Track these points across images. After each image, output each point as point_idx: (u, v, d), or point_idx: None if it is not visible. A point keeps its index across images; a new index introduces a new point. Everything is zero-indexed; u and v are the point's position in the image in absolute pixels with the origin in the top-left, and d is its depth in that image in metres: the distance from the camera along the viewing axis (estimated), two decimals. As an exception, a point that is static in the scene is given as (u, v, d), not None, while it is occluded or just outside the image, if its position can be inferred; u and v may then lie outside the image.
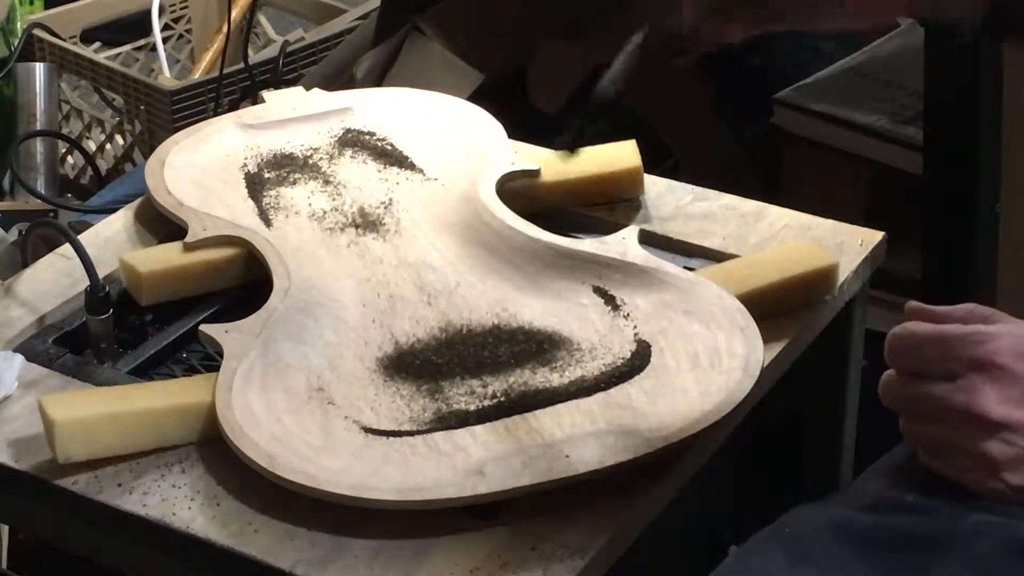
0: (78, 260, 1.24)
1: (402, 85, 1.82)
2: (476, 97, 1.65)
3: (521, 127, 1.43)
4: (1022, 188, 1.66)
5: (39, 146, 2.38)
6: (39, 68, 2.44)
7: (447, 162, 1.38)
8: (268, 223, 1.30)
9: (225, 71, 2.34)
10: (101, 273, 1.24)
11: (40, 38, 2.48)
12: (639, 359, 1.14)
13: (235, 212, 1.31)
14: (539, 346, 1.17)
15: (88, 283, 1.22)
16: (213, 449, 1.09)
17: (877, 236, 1.31)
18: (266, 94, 1.49)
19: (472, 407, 1.10)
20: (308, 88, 1.50)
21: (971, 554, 0.97)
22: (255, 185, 1.35)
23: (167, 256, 1.27)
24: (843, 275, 1.25)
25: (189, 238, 1.28)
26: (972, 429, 0.97)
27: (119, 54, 2.57)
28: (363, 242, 1.29)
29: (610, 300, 1.21)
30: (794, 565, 0.99)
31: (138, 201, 1.38)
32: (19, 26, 2.56)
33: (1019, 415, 0.95)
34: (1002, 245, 1.64)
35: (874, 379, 1.02)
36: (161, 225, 1.33)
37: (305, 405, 1.11)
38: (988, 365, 0.96)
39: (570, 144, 1.39)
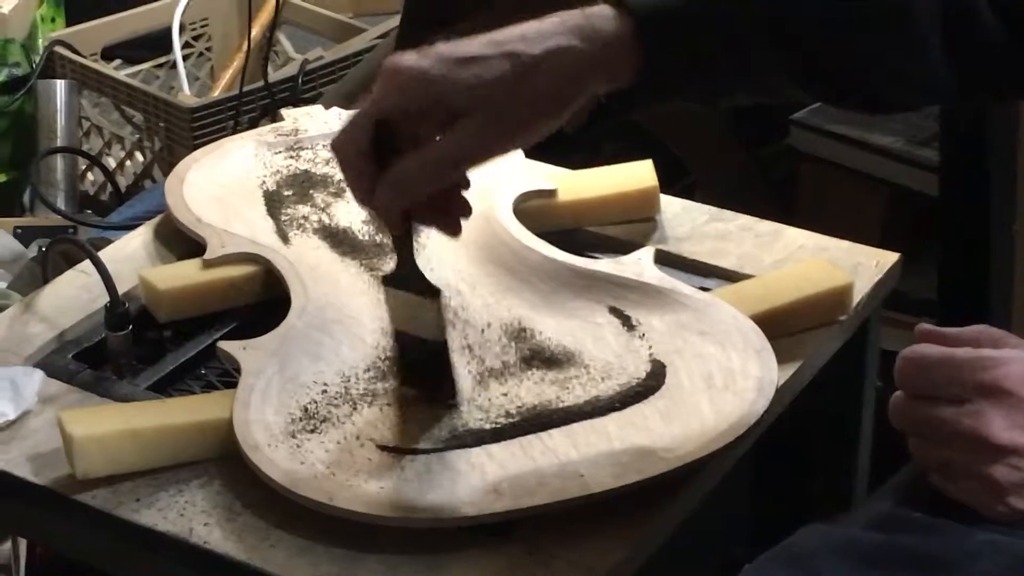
0: (98, 276, 1.24)
1: None
2: None
3: (537, 146, 1.42)
4: None
5: (59, 163, 2.38)
6: (60, 85, 2.43)
7: None
8: (286, 241, 1.30)
9: (245, 89, 2.34)
10: (121, 289, 1.24)
11: (61, 55, 2.48)
12: (654, 379, 1.13)
13: (254, 229, 1.31)
14: (554, 365, 1.16)
15: (108, 299, 1.23)
16: (230, 465, 1.09)
17: (892, 257, 1.30)
18: (285, 112, 1.49)
19: (488, 426, 1.10)
20: (327, 107, 1.50)
21: (978, 572, 0.96)
22: (274, 203, 1.36)
23: (186, 273, 1.27)
24: (858, 296, 1.25)
25: (208, 255, 1.28)
26: (978, 453, 0.96)
27: (139, 72, 2.57)
28: (379, 260, 1.28)
29: (626, 320, 1.20)
30: None
31: (157, 218, 1.38)
32: (40, 43, 2.58)
33: None
34: (1017, 266, 1.65)
35: (887, 401, 1.03)
36: (180, 242, 1.33)
37: (321, 423, 1.10)
38: (996, 390, 0.95)
39: (586, 163, 1.38)
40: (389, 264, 1.26)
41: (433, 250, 1.28)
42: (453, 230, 1.15)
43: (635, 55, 1.10)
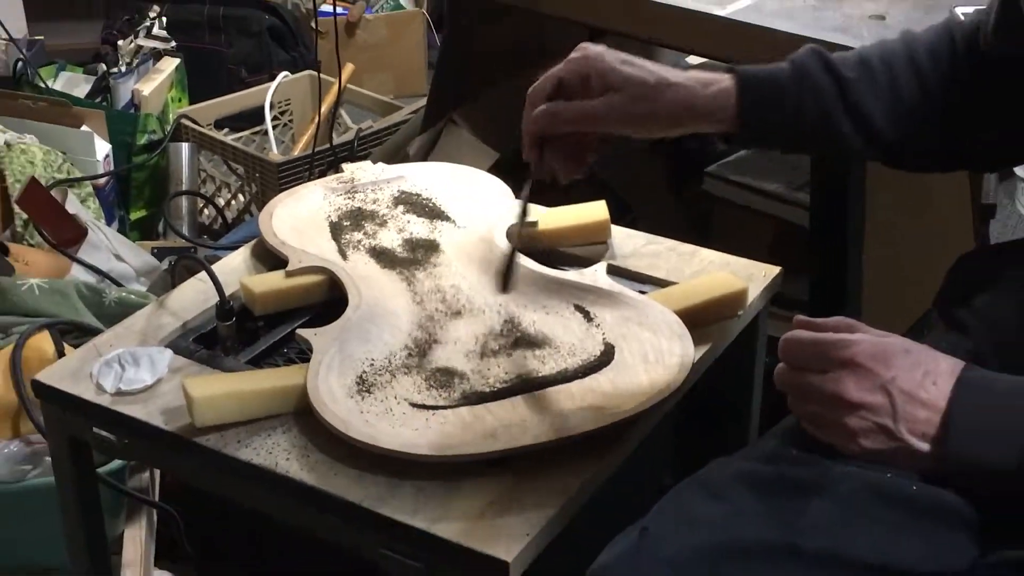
0: (211, 283, 1.24)
1: (441, 161, 1.82)
2: (492, 169, 1.65)
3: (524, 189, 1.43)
4: (879, 241, 1.63)
5: (184, 202, 2.40)
6: (184, 147, 2.46)
7: (471, 215, 1.37)
8: (345, 257, 1.30)
9: (316, 150, 2.36)
10: (227, 291, 1.24)
11: (185, 125, 2.50)
12: (606, 356, 1.14)
13: (321, 249, 1.31)
14: (534, 345, 1.16)
15: (218, 299, 1.23)
16: (305, 417, 1.09)
17: (775, 270, 1.30)
18: (345, 166, 1.47)
19: (487, 390, 1.10)
20: (374, 162, 1.49)
21: (837, 493, 0.98)
22: (336, 230, 1.35)
23: (274, 280, 1.27)
24: (751, 297, 1.25)
25: (289, 268, 1.27)
26: (838, 408, 0.95)
27: (241, 137, 2.58)
28: (412, 271, 1.27)
29: (586, 314, 1.20)
30: (709, 502, 0.99)
31: (253, 241, 1.37)
32: (171, 116, 2.58)
33: (871, 399, 0.94)
34: (865, 276, 1.62)
35: (772, 371, 1.01)
36: (269, 258, 1.33)
37: (369, 387, 1.10)
38: (850, 363, 0.95)
39: (559, 202, 1.37)
40: (419, 275, 1.26)
41: (451, 266, 1.28)
42: (568, 171, 1.17)
43: (736, 106, 1.11)
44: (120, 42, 2.83)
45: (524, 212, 1.19)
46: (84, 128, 2.31)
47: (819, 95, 1.12)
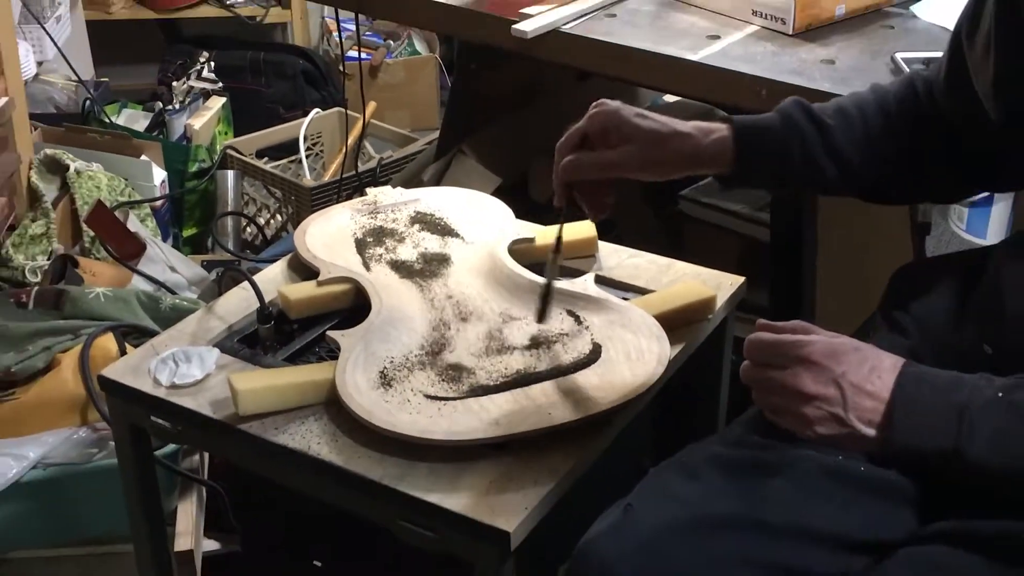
0: (253, 291, 1.24)
1: (451, 185, 1.81)
2: (495, 193, 1.65)
3: (523, 211, 1.42)
4: (830, 255, 1.63)
5: (229, 221, 2.40)
6: (230, 174, 2.46)
7: (478, 232, 1.37)
8: (368, 269, 1.29)
9: (343, 176, 2.36)
10: (267, 298, 1.24)
11: (231, 155, 2.50)
12: (594, 355, 1.13)
13: (348, 262, 1.30)
14: (532, 346, 1.16)
15: (258, 305, 1.23)
16: (334, 407, 1.09)
17: (740, 280, 1.29)
18: (369, 190, 1.47)
19: (491, 383, 1.10)
20: (394, 187, 1.50)
21: (795, 473, 0.98)
22: (360, 246, 1.34)
23: (307, 288, 1.26)
24: (719, 303, 1.24)
25: (320, 278, 1.27)
26: (795, 399, 0.95)
27: (279, 164, 2.58)
28: (426, 281, 1.27)
29: (576, 318, 1.20)
30: (684, 481, 0.99)
31: (289, 255, 1.37)
32: (218, 147, 2.59)
33: (824, 391, 0.94)
34: (818, 287, 1.62)
35: (738, 367, 1.01)
36: (303, 270, 1.32)
37: (390, 381, 1.10)
38: (806, 361, 0.95)
39: (553, 221, 1.35)
40: (432, 284, 1.26)
41: (460, 277, 1.27)
42: (595, 211, 1.17)
43: (732, 152, 1.11)
44: (174, 83, 2.84)
45: (558, 249, 1.18)
46: (143, 158, 2.32)
47: (804, 141, 1.12)
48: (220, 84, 2.85)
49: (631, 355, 1.13)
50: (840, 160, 1.13)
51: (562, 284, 1.25)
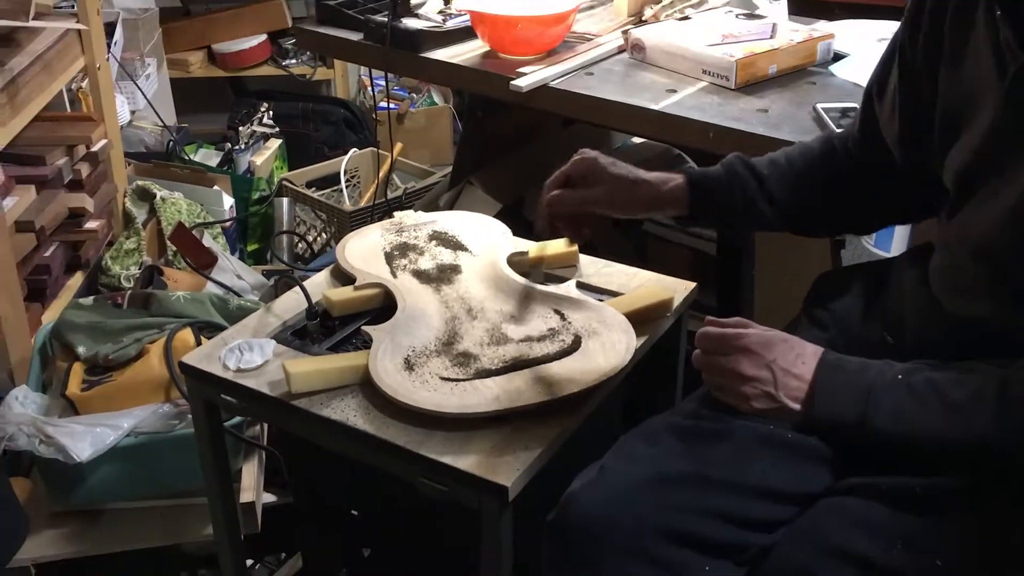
0: (303, 294, 1.23)
1: (462, 210, 1.76)
2: (498, 215, 1.65)
3: (520, 231, 1.42)
4: (765, 265, 1.62)
5: (284, 238, 2.39)
6: (285, 200, 2.45)
7: (482, 247, 1.35)
8: (395, 276, 1.28)
9: (376, 202, 2.35)
10: (314, 300, 1.23)
11: (286, 185, 2.49)
12: (576, 345, 1.13)
13: (379, 271, 1.29)
14: (525, 338, 1.15)
15: (307, 305, 1.22)
16: (368, 387, 1.08)
17: (692, 285, 1.28)
18: (396, 214, 1.46)
19: (492, 367, 1.09)
20: (416, 211, 1.48)
21: (735, 439, 0.97)
22: (389, 258, 1.33)
23: (346, 292, 1.25)
24: (676, 303, 1.23)
25: (357, 284, 1.26)
26: (736, 380, 0.96)
27: (324, 193, 2.57)
28: (441, 287, 1.26)
29: (561, 316, 1.19)
30: (646, 446, 0.98)
31: (331, 265, 1.35)
32: (275, 178, 2.58)
33: (759, 374, 0.95)
34: (756, 291, 1.61)
35: (691, 355, 1.02)
36: (343, 277, 1.31)
37: (412, 366, 1.10)
38: (744, 349, 0.96)
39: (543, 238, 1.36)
40: (446, 289, 1.24)
41: (468, 283, 1.27)
42: (574, 238, 1.20)
43: (687, 197, 1.12)
44: (240, 128, 2.84)
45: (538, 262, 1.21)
46: (215, 188, 2.32)
47: (745, 188, 1.13)
48: (277, 129, 2.85)
49: (605, 345, 1.12)
50: (773, 203, 1.13)
51: (550, 288, 1.24)
